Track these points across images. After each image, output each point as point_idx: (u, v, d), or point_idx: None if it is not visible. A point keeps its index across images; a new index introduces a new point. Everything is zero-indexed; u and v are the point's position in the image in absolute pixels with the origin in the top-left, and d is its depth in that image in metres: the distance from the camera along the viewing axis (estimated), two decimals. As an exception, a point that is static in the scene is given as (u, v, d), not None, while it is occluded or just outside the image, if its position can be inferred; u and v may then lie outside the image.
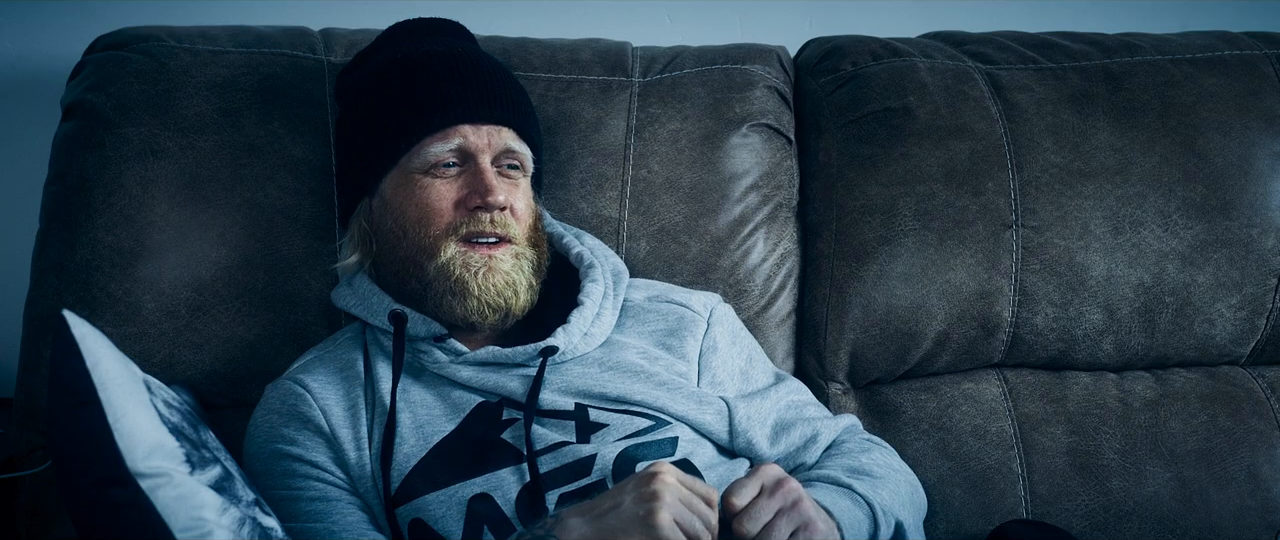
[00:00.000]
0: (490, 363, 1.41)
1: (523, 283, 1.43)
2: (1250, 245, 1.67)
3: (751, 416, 1.43)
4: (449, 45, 1.50)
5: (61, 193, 1.56)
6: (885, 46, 1.74)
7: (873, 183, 1.66)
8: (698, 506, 1.17)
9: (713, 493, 1.19)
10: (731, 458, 1.42)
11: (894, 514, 1.37)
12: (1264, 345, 1.71)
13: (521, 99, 1.51)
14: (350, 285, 1.49)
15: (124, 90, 1.57)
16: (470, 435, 1.38)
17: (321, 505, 1.36)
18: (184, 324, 1.54)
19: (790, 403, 1.49)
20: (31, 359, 1.53)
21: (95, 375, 1.16)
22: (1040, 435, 1.63)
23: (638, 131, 1.66)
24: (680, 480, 1.17)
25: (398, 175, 1.44)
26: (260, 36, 1.65)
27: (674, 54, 1.73)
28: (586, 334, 1.45)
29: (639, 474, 1.19)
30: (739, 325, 1.57)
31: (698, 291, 1.56)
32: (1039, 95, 1.70)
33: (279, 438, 1.40)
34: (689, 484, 1.18)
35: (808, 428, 1.46)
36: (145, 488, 1.15)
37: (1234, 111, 1.69)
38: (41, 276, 1.55)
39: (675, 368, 1.46)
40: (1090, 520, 1.59)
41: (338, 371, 1.44)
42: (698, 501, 1.17)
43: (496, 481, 1.34)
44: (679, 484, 1.17)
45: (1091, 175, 1.66)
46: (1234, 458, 1.62)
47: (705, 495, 1.18)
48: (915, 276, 1.64)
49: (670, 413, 1.40)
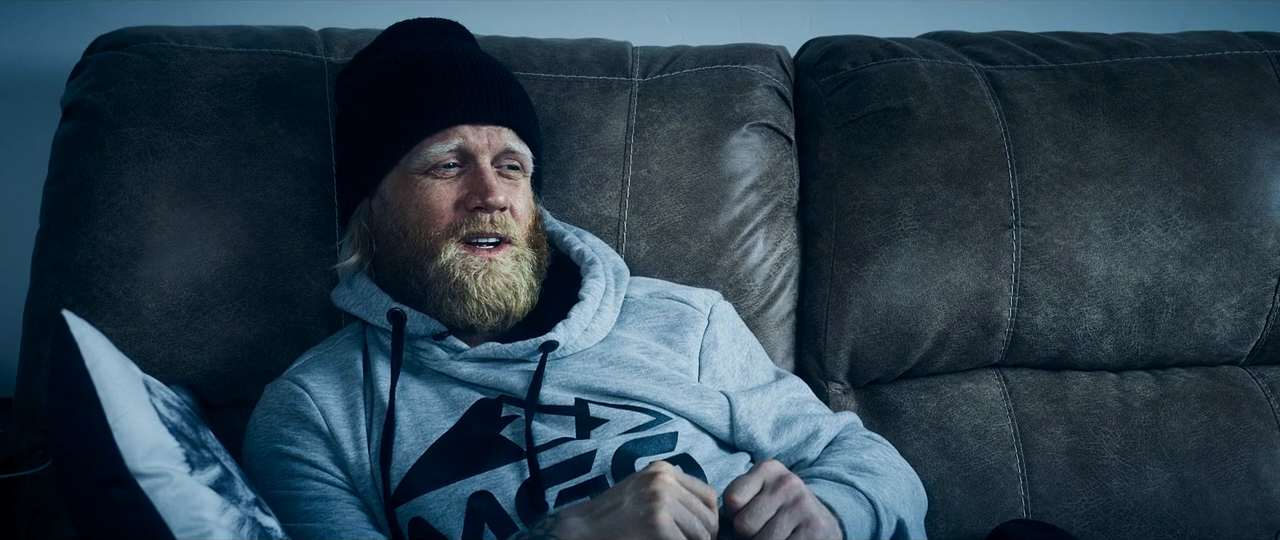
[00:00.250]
0: (490, 358, 1.41)
1: (523, 285, 1.43)
2: (1250, 245, 1.67)
3: (752, 411, 1.43)
4: (449, 46, 1.50)
5: (61, 193, 1.56)
6: (885, 46, 1.74)
7: (873, 183, 1.66)
8: (697, 506, 1.17)
9: (712, 492, 1.19)
10: (732, 452, 1.42)
11: (896, 511, 1.37)
12: (1264, 345, 1.71)
13: (521, 99, 1.51)
14: (350, 285, 1.49)
15: (124, 90, 1.57)
16: (469, 432, 1.37)
17: (321, 505, 1.36)
18: (184, 324, 1.54)
19: (791, 399, 1.49)
20: (31, 359, 1.53)
21: (95, 375, 1.16)
22: (1040, 435, 1.63)
23: (638, 131, 1.66)
24: (680, 480, 1.18)
25: (398, 175, 1.44)
26: (260, 36, 1.65)
27: (674, 54, 1.73)
28: (587, 329, 1.45)
29: (639, 474, 1.19)
30: (739, 323, 1.57)
31: (698, 289, 1.56)
32: (1039, 95, 1.69)
33: (278, 437, 1.40)
34: (688, 484, 1.18)
35: (809, 424, 1.46)
36: (145, 488, 1.15)
37: (1234, 111, 1.69)
38: (41, 276, 1.55)
39: (676, 363, 1.45)
40: (1090, 520, 1.59)
41: (336, 371, 1.44)
42: (697, 501, 1.17)
43: (496, 479, 1.34)
44: (679, 484, 1.17)
45: (1091, 175, 1.66)
46: (1234, 458, 1.62)
47: (704, 495, 1.18)
48: (915, 276, 1.64)
49: (670, 407, 1.40)
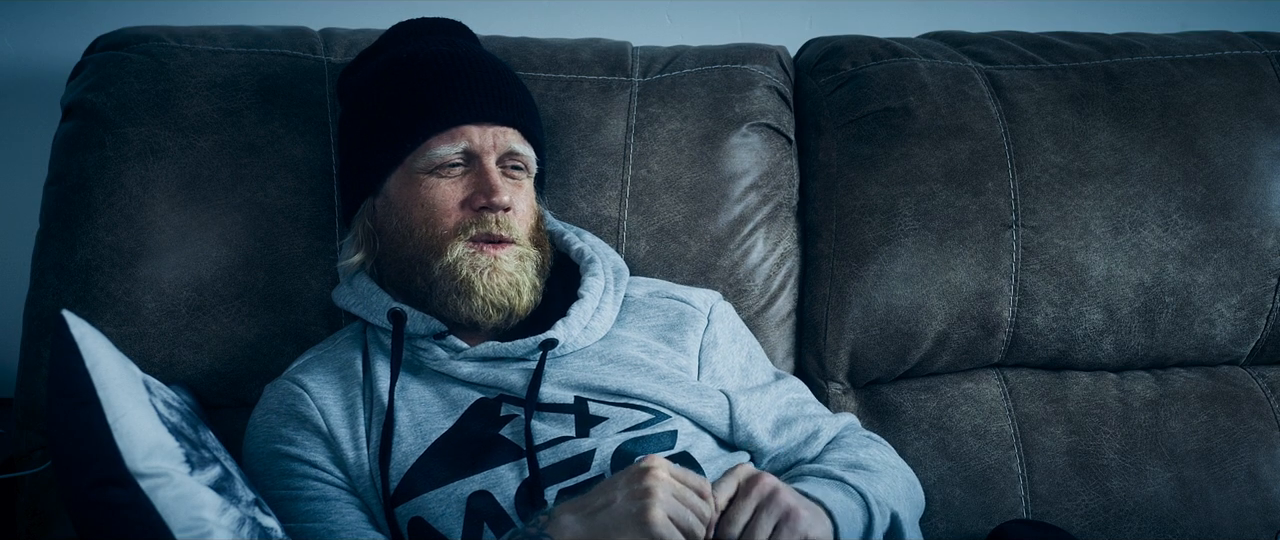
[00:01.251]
0: (490, 357, 1.41)
1: (526, 283, 1.43)
2: (1250, 245, 1.67)
3: (752, 410, 1.43)
4: (455, 45, 1.50)
5: (61, 193, 1.56)
6: (885, 46, 1.74)
7: (873, 183, 1.66)
8: (691, 498, 1.16)
9: (705, 484, 1.19)
10: (731, 451, 1.42)
11: (889, 505, 1.36)
12: (1264, 345, 1.71)
13: (526, 100, 1.51)
14: (351, 285, 1.49)
15: (124, 90, 1.57)
16: (468, 432, 1.37)
17: (320, 505, 1.36)
18: (184, 324, 1.54)
19: (791, 399, 1.49)
20: (31, 359, 1.53)
21: (94, 375, 1.16)
22: (1040, 435, 1.63)
23: (637, 131, 1.66)
24: (672, 473, 1.17)
25: (402, 174, 1.44)
26: (260, 36, 1.65)
27: (674, 54, 1.73)
28: (586, 327, 1.45)
29: (630, 469, 1.18)
30: (739, 323, 1.57)
31: (698, 289, 1.56)
32: (1039, 95, 1.69)
33: (277, 437, 1.40)
34: (681, 477, 1.17)
35: (809, 424, 1.46)
36: (145, 488, 1.15)
37: (1234, 111, 1.69)
38: (41, 276, 1.55)
39: (675, 361, 1.45)
40: (1090, 520, 1.59)
41: (336, 371, 1.44)
42: (691, 494, 1.17)
43: (495, 478, 1.34)
44: (671, 478, 1.16)
45: (1091, 175, 1.66)
46: (1234, 458, 1.62)
47: (698, 487, 1.18)
48: (915, 276, 1.64)
49: (670, 406, 1.40)
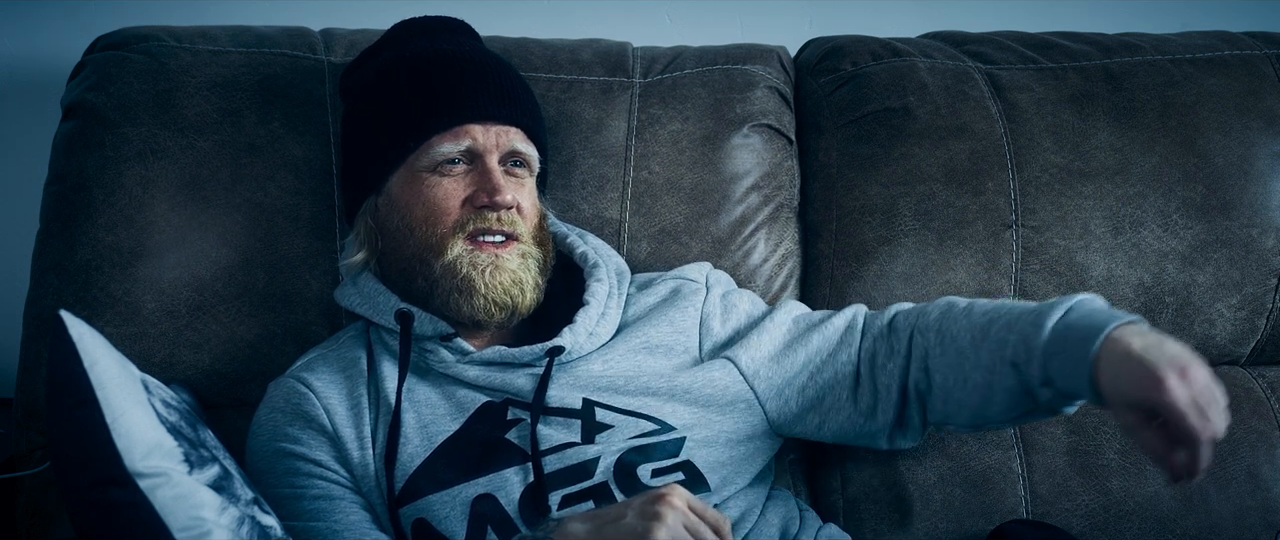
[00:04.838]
0: (497, 362, 1.41)
1: (529, 281, 1.43)
2: (1250, 245, 1.67)
3: (756, 358, 1.44)
4: (458, 44, 1.50)
5: (61, 193, 1.56)
6: (885, 46, 1.74)
7: (873, 183, 1.66)
8: (703, 532, 1.13)
9: (723, 521, 1.15)
10: (739, 455, 1.42)
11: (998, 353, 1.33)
12: (1264, 345, 1.70)
13: (529, 100, 1.51)
14: (355, 284, 1.48)
15: (124, 90, 1.57)
16: (474, 435, 1.38)
17: (324, 504, 1.36)
18: (184, 324, 1.54)
19: (796, 317, 1.50)
20: (31, 359, 1.53)
21: (93, 375, 1.16)
22: (1040, 435, 1.63)
23: (638, 132, 1.66)
24: (690, 505, 1.14)
25: (405, 173, 1.44)
26: (260, 36, 1.65)
27: (674, 54, 1.73)
28: (592, 333, 1.45)
29: (650, 493, 1.15)
30: (732, 283, 1.59)
31: (689, 265, 1.58)
32: (1039, 95, 1.69)
33: (282, 436, 1.40)
34: (700, 511, 1.14)
35: (829, 329, 1.46)
36: (144, 487, 1.15)
37: (1234, 111, 1.69)
38: (41, 276, 1.55)
39: (681, 343, 1.46)
40: (1090, 520, 1.59)
41: (341, 370, 1.44)
42: (704, 528, 1.14)
43: (500, 482, 1.34)
44: (686, 509, 1.13)
45: (1091, 175, 1.66)
46: (1234, 458, 1.62)
47: (714, 523, 1.14)
48: (915, 276, 1.64)
49: (676, 411, 1.40)
